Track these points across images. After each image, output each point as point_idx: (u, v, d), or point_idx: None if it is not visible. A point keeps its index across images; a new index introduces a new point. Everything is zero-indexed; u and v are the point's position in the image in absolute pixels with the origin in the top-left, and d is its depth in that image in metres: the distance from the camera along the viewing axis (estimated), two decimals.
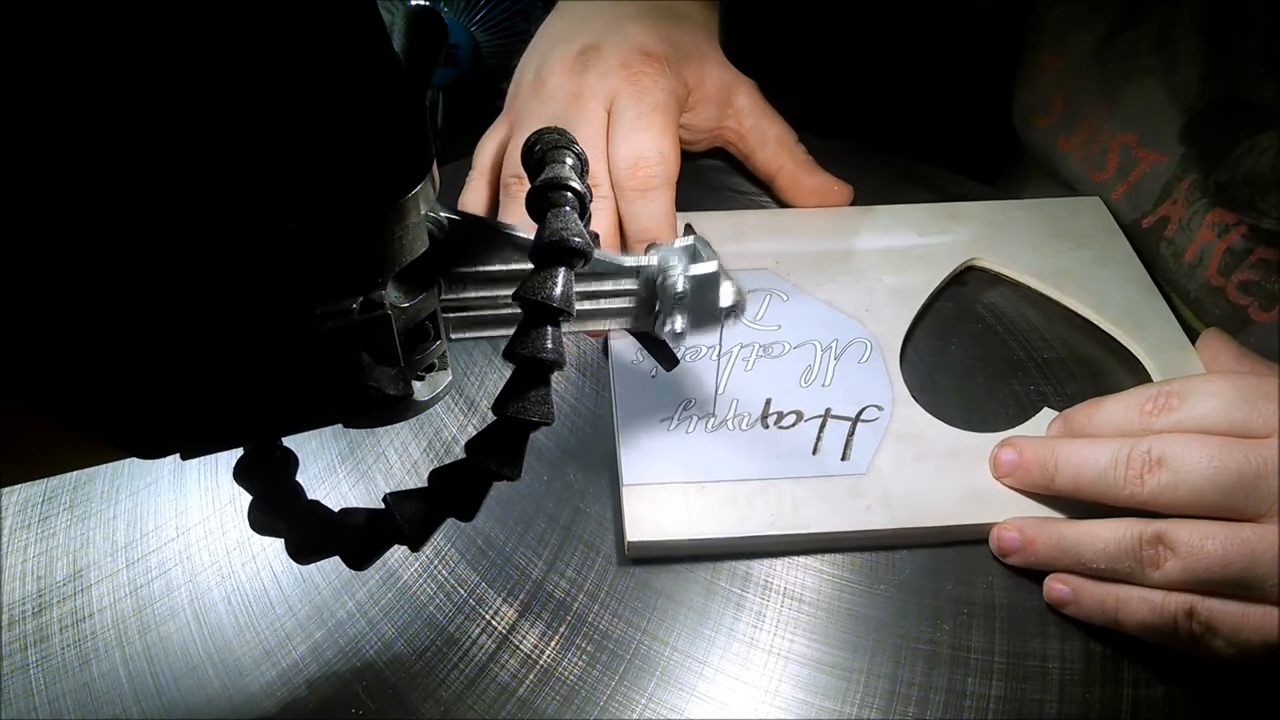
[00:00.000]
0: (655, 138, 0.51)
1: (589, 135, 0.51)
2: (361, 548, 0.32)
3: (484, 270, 0.33)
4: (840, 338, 0.48)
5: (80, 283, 0.24)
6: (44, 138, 0.22)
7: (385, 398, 0.29)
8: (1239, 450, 0.37)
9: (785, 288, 0.50)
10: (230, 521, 0.43)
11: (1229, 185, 0.51)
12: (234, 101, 0.23)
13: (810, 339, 0.48)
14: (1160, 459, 0.38)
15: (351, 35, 0.24)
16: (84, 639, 0.39)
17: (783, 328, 0.49)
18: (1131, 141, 0.56)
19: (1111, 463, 0.39)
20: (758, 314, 0.49)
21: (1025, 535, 0.40)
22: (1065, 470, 0.40)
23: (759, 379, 0.47)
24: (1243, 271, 0.50)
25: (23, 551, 0.42)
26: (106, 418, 0.27)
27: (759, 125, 0.57)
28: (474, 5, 0.86)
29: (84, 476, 0.45)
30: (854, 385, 0.46)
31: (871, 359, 0.47)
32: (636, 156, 0.50)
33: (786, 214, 0.55)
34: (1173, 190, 0.54)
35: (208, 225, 0.24)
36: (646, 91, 0.53)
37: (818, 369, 0.47)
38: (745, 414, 0.45)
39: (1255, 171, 0.50)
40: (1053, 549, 0.40)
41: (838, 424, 0.44)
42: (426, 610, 0.40)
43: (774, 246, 0.53)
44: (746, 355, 0.48)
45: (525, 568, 0.42)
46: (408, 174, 0.26)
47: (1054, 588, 0.39)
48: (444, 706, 0.37)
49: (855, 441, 0.44)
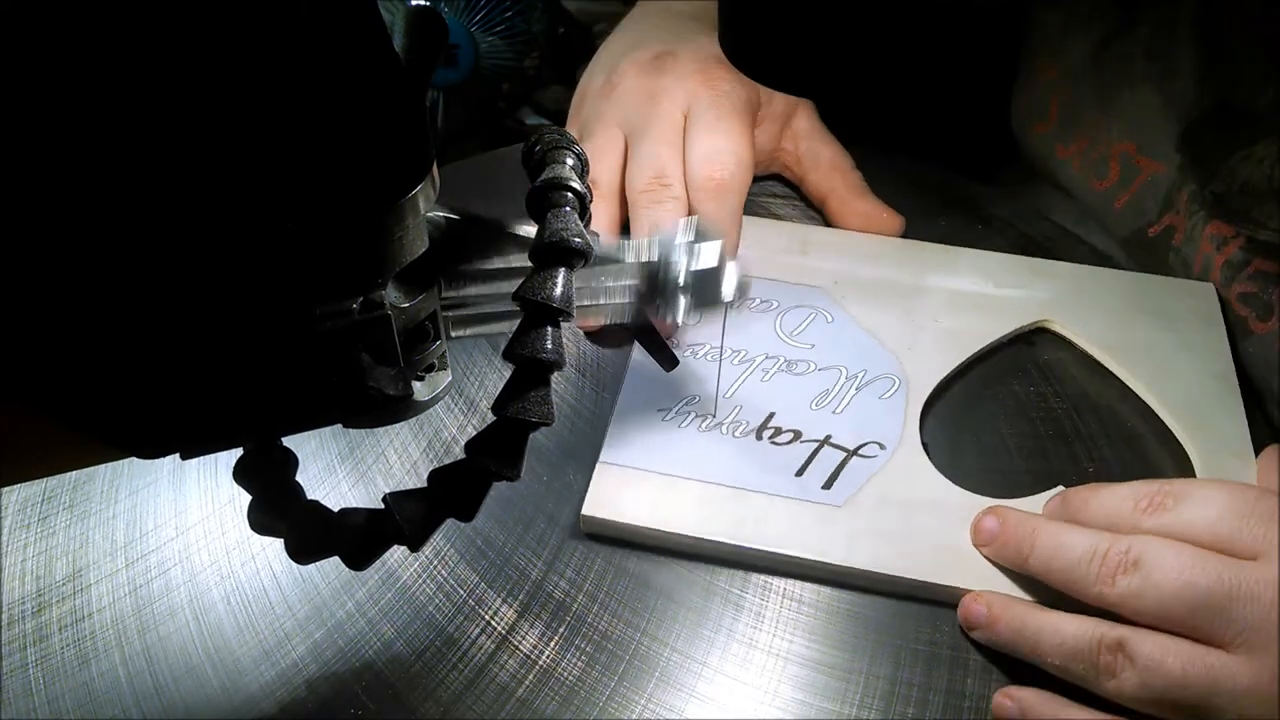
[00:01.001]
0: (733, 140, 0.51)
1: (663, 132, 0.51)
2: (361, 548, 0.32)
3: (484, 270, 0.33)
4: (870, 369, 0.47)
5: (80, 283, 0.24)
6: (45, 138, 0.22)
7: (385, 398, 0.29)
8: (1214, 566, 0.35)
9: (833, 310, 0.49)
10: (230, 521, 0.43)
11: (1226, 196, 0.51)
12: (234, 102, 0.23)
13: (838, 364, 0.47)
14: (1136, 561, 0.36)
15: (352, 36, 0.24)
16: (83, 638, 0.39)
17: (815, 347, 0.48)
18: (1131, 150, 0.56)
19: (1088, 555, 0.37)
20: (795, 329, 0.49)
21: (992, 612, 0.38)
22: (1040, 553, 0.38)
23: (771, 391, 0.46)
24: (1241, 283, 0.50)
25: (22, 551, 0.42)
26: (106, 418, 0.27)
27: (813, 147, 0.57)
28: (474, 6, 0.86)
29: (83, 476, 0.45)
30: (865, 418, 0.45)
31: (894, 397, 0.46)
32: (713, 155, 0.50)
33: (857, 237, 0.54)
34: (1175, 200, 0.54)
35: (208, 225, 0.24)
36: (725, 96, 0.52)
37: (834, 395, 0.46)
38: (744, 422, 0.45)
39: (1251, 182, 0.50)
40: (1014, 633, 0.38)
41: (833, 452, 0.44)
42: (426, 610, 0.40)
43: (836, 267, 0.52)
44: (769, 367, 0.47)
45: (524, 568, 0.42)
46: (408, 174, 0.26)
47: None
48: (443, 707, 0.37)
49: (844, 473, 0.43)
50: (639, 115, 0.53)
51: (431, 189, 0.27)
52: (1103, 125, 0.57)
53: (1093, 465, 0.45)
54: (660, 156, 0.51)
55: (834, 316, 0.49)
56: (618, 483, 0.43)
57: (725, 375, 0.47)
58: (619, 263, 0.37)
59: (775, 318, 0.49)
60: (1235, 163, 0.50)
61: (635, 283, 0.38)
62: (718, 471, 0.43)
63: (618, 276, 0.38)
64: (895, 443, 0.44)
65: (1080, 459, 0.45)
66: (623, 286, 0.38)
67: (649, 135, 0.52)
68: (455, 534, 0.42)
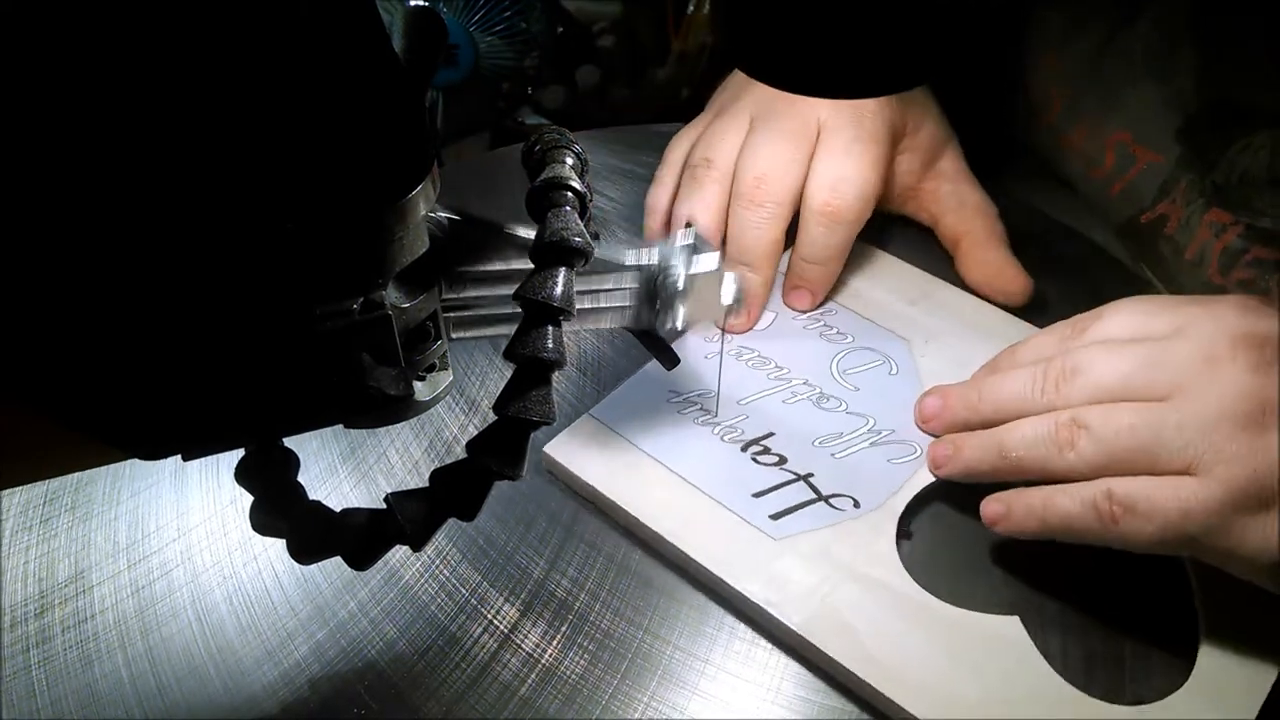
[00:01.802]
0: (862, 169, 0.49)
1: (789, 133, 0.50)
2: (363, 548, 0.32)
3: (484, 270, 0.33)
4: (896, 431, 0.44)
5: (81, 283, 0.24)
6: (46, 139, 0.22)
7: (386, 398, 0.29)
8: (1141, 349, 0.38)
9: (904, 364, 0.47)
10: (232, 522, 0.43)
11: (1225, 186, 0.51)
12: (234, 102, 0.23)
13: (869, 414, 0.45)
14: (1075, 368, 0.39)
15: (351, 36, 0.24)
16: (86, 640, 0.39)
17: (859, 391, 0.46)
18: (1127, 139, 0.56)
19: (1030, 380, 0.40)
20: (852, 369, 0.47)
21: (956, 444, 0.41)
22: (987, 396, 0.42)
23: (786, 414, 0.45)
24: (1239, 270, 0.50)
25: (25, 553, 0.42)
26: (107, 419, 0.27)
27: (959, 190, 0.54)
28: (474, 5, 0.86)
29: (85, 478, 0.45)
30: (858, 474, 0.43)
31: (905, 465, 0.43)
32: (837, 182, 0.49)
33: (978, 306, 0.50)
34: (1171, 190, 0.54)
35: (208, 226, 0.24)
36: (866, 117, 0.51)
37: (845, 440, 0.44)
38: (740, 430, 0.44)
39: (1251, 171, 0.50)
40: (978, 448, 0.41)
41: (803, 490, 0.42)
42: (428, 610, 0.40)
43: (937, 325, 0.49)
44: (800, 392, 0.46)
45: (527, 567, 0.42)
46: (408, 175, 0.26)
47: (990, 507, 0.40)
48: (446, 706, 0.37)
49: (799, 513, 0.41)
50: (772, 108, 0.51)
51: (431, 189, 0.27)
52: (1103, 116, 0.57)
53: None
54: (775, 158, 0.49)
55: (900, 369, 0.47)
56: (591, 438, 0.43)
57: (751, 384, 0.46)
58: (619, 266, 0.37)
59: (838, 351, 0.48)
60: (1234, 154, 0.50)
61: (635, 286, 0.38)
62: (686, 466, 0.43)
63: (618, 279, 0.38)
64: (870, 508, 0.41)
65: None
66: (623, 290, 0.38)
67: (774, 131, 0.50)
68: (457, 533, 0.42)
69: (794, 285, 0.50)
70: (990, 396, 0.42)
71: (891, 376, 0.47)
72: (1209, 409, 0.36)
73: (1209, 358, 0.37)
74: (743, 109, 0.52)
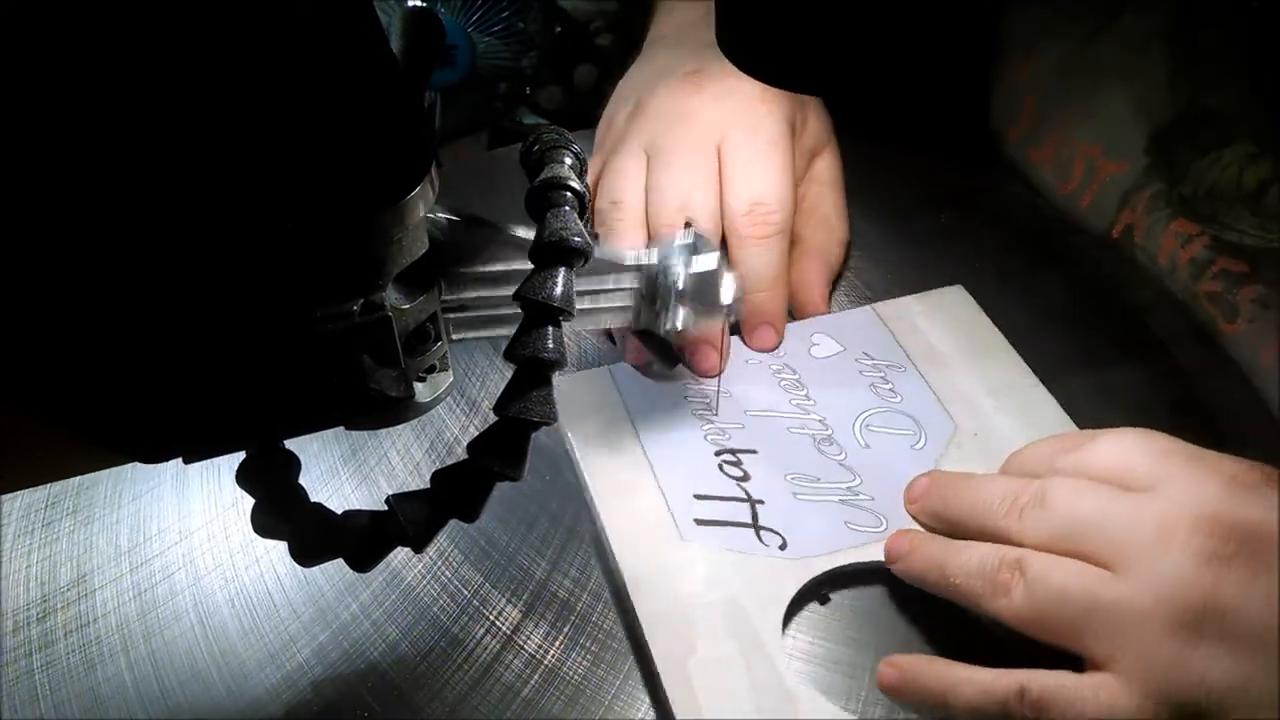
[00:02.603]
0: (774, 181, 0.48)
1: (692, 159, 0.48)
2: (365, 549, 0.32)
3: (484, 271, 0.33)
4: (878, 499, 0.42)
5: (82, 286, 0.24)
6: (45, 140, 0.22)
7: (387, 399, 0.29)
8: (1105, 493, 0.35)
9: (935, 445, 0.44)
10: (234, 525, 0.43)
11: (1193, 198, 0.51)
12: (233, 104, 0.23)
13: (861, 473, 0.43)
14: (1042, 497, 0.36)
15: (349, 37, 0.24)
16: (89, 644, 0.39)
17: (868, 449, 0.44)
18: (1096, 152, 0.56)
19: (1000, 498, 0.37)
20: (878, 426, 0.45)
21: (912, 543, 0.38)
22: (957, 502, 0.39)
23: (779, 441, 0.44)
24: (1206, 281, 0.50)
25: (27, 557, 0.42)
26: (109, 422, 0.27)
27: (821, 196, 0.53)
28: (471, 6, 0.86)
29: (87, 481, 0.45)
30: (806, 520, 0.41)
31: (860, 534, 0.40)
32: (754, 200, 0.48)
33: (1070, 427, 0.45)
34: (1131, 199, 0.54)
35: (208, 228, 0.24)
36: (763, 123, 0.50)
37: (816, 487, 0.42)
38: (727, 436, 0.44)
39: (1220, 185, 0.50)
40: (926, 559, 0.38)
41: (743, 510, 0.41)
42: (430, 611, 0.40)
43: (1001, 424, 0.45)
44: (811, 428, 0.44)
45: (529, 568, 0.42)
46: (407, 176, 0.26)
47: (884, 672, 0.36)
48: (449, 707, 0.37)
49: (724, 529, 0.41)
50: (666, 134, 0.50)
51: (431, 190, 0.27)
52: (1073, 128, 0.57)
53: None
54: (683, 186, 0.48)
55: (927, 447, 0.44)
56: (593, 389, 0.46)
57: (769, 400, 0.45)
58: (619, 266, 0.37)
59: (876, 408, 0.45)
60: (1204, 166, 0.50)
61: (635, 287, 0.38)
62: (655, 445, 0.43)
63: (618, 280, 0.38)
64: (794, 556, 0.40)
65: None
66: (623, 291, 0.38)
67: (675, 159, 0.49)
68: (459, 534, 0.42)
69: (753, 325, 0.48)
70: (958, 502, 0.39)
71: (914, 450, 0.44)
72: (1145, 596, 0.33)
73: (1163, 532, 0.33)
74: (634, 143, 0.51)
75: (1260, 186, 0.48)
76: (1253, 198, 0.48)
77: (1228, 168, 0.49)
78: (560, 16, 0.89)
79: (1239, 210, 0.49)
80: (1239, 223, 0.49)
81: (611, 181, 0.50)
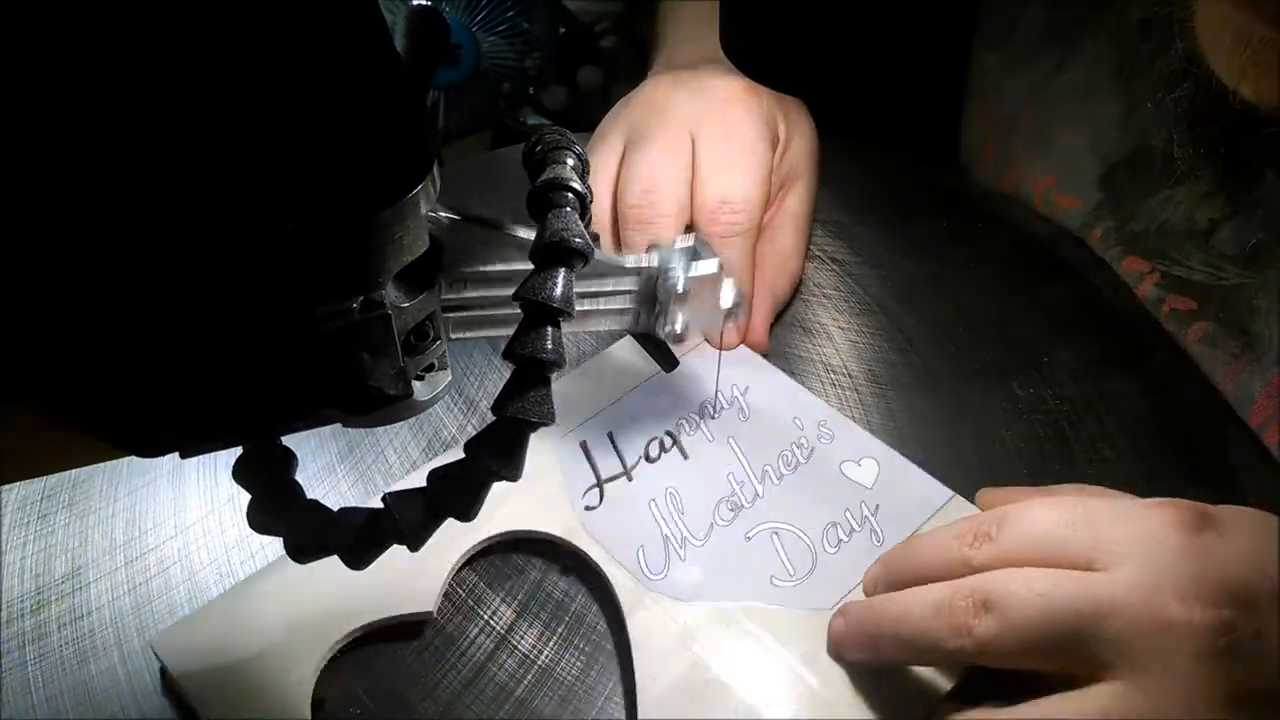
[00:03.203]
0: (744, 182, 0.48)
1: (664, 142, 0.48)
2: (360, 547, 0.32)
3: (484, 270, 0.33)
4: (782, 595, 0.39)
5: (80, 280, 0.24)
6: (44, 136, 0.22)
7: (385, 398, 0.29)
8: (1067, 586, 0.32)
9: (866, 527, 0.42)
10: (229, 520, 0.43)
11: (1144, 234, 0.51)
12: (234, 101, 0.23)
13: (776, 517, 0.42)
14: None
15: (353, 35, 0.24)
16: (82, 636, 0.39)
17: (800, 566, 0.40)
18: (1051, 184, 0.56)
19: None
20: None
21: (849, 614, 0.37)
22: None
23: (713, 462, 0.44)
24: (1160, 319, 0.51)
25: (21, 549, 0.42)
26: (106, 415, 0.27)
27: (781, 229, 0.51)
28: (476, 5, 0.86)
29: (83, 475, 0.45)
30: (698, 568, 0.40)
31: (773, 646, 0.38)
32: (722, 199, 0.48)
33: None
34: (1086, 236, 0.54)
35: (208, 225, 0.24)
36: (739, 124, 0.50)
37: (721, 544, 0.41)
38: (662, 439, 0.44)
39: (1170, 223, 0.50)
40: (873, 626, 0.36)
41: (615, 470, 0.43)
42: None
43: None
44: (751, 521, 0.42)
45: (523, 568, 0.42)
46: (408, 174, 0.26)
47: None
48: (442, 706, 0.37)
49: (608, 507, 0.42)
50: (644, 123, 0.50)
51: (431, 189, 0.27)
52: (1030, 163, 0.58)
53: (1093, 467, 0.45)
54: (655, 167, 0.48)
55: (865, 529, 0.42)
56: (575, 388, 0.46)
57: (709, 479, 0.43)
58: (619, 268, 0.37)
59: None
60: (1156, 204, 0.51)
61: (635, 289, 0.38)
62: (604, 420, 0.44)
63: (618, 282, 0.38)
64: (636, 598, 0.39)
65: (1079, 460, 0.45)
66: (622, 292, 0.38)
67: (648, 145, 0.49)
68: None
69: None
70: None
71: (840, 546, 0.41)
72: (1146, 580, 0.31)
73: (1150, 515, 0.33)
74: (614, 140, 0.51)
75: (1211, 225, 0.48)
76: (1203, 235, 0.49)
77: (1179, 205, 0.50)
78: (565, 17, 0.90)
79: (1188, 248, 0.50)
80: (1189, 259, 0.49)
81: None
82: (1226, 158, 0.45)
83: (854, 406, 0.48)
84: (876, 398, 0.48)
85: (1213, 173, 0.47)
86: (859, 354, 0.51)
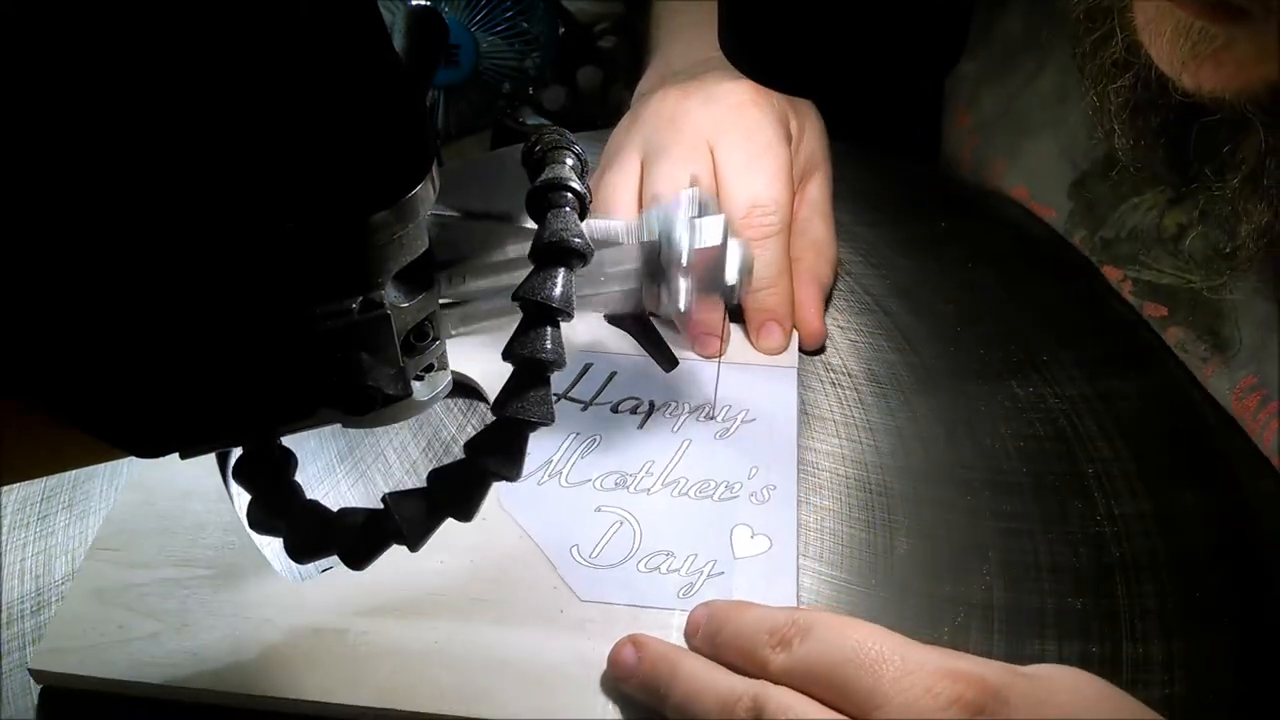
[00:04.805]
0: (771, 182, 0.48)
1: (683, 155, 0.48)
2: (360, 547, 0.32)
3: (484, 269, 0.33)
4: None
5: (81, 280, 0.24)
6: (44, 136, 0.22)
7: (384, 398, 0.29)
8: (876, 633, 0.32)
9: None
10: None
11: (1114, 242, 0.52)
12: (234, 101, 0.23)
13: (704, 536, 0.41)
14: (809, 629, 0.33)
15: (352, 35, 0.24)
16: None
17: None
18: (1024, 195, 0.57)
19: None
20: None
21: (641, 649, 0.36)
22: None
23: (652, 445, 0.44)
24: None
25: (22, 550, 0.42)
26: (106, 416, 0.27)
27: (811, 219, 0.52)
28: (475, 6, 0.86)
29: (83, 475, 0.45)
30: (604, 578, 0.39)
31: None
32: (751, 202, 0.48)
33: None
34: (1070, 242, 0.55)
35: (208, 225, 0.24)
36: (756, 126, 0.50)
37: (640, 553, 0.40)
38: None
39: (1140, 228, 0.50)
40: (652, 674, 0.35)
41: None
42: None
43: None
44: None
45: None
46: (408, 174, 0.26)
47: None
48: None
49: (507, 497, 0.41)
50: (658, 137, 0.50)
51: (431, 189, 0.27)
52: (1003, 173, 0.58)
53: (1092, 466, 0.45)
54: (678, 181, 0.47)
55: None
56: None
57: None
58: (617, 245, 0.37)
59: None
60: (1125, 210, 0.51)
61: (635, 266, 0.37)
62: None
63: (617, 263, 0.37)
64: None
65: (1079, 460, 0.45)
66: (622, 273, 0.37)
67: (669, 158, 0.49)
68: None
69: (759, 323, 0.48)
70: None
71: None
72: None
73: (927, 681, 0.31)
74: (630, 154, 0.51)
75: (1179, 230, 0.49)
76: (1171, 241, 0.49)
77: (1149, 212, 0.50)
78: (565, 18, 0.90)
79: (1158, 253, 0.50)
80: (1158, 264, 0.50)
81: (604, 195, 0.50)
82: (1166, 148, 0.45)
83: (854, 406, 0.48)
84: (876, 397, 0.48)
85: (1156, 162, 0.47)
86: (859, 354, 0.51)
